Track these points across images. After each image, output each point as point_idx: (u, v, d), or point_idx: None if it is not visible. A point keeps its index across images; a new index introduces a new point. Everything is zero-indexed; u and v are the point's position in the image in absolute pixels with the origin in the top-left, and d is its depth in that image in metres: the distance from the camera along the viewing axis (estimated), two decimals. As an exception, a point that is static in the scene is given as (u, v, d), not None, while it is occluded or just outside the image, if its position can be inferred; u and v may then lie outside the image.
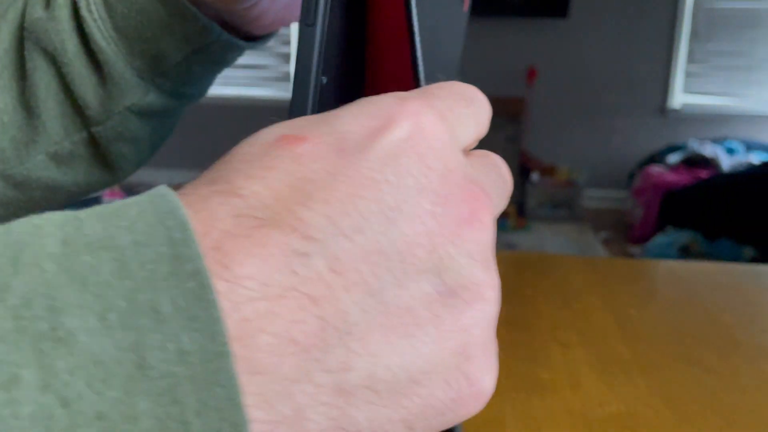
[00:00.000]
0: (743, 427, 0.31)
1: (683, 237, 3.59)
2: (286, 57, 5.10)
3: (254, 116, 5.00)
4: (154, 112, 0.35)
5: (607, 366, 0.38)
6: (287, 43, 5.06)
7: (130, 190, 2.36)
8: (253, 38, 0.36)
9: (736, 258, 3.55)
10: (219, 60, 0.35)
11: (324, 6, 0.22)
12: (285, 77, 5.08)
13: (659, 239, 3.60)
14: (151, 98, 0.34)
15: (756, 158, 4.11)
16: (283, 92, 5.07)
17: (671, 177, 3.93)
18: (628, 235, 3.79)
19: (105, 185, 0.40)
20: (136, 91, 0.34)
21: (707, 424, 0.32)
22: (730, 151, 4.25)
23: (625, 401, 0.34)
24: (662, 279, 0.56)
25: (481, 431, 0.31)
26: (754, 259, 3.48)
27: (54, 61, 0.33)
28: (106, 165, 0.37)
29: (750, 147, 4.32)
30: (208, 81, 0.37)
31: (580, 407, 0.33)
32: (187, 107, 0.40)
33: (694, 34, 4.60)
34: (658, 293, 0.52)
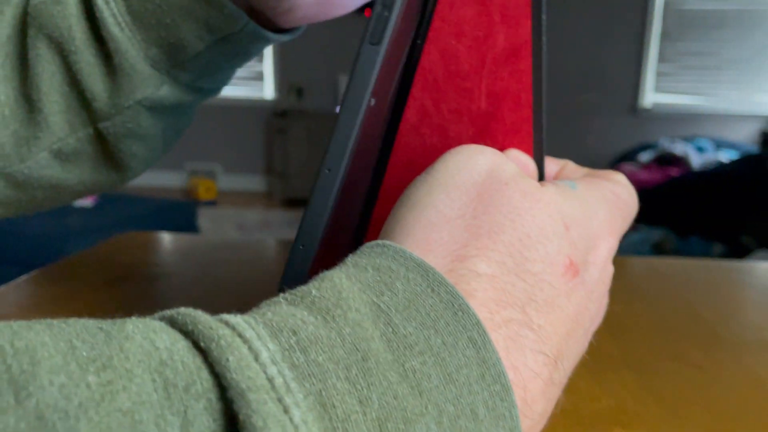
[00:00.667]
0: (730, 420, 0.32)
1: (656, 234, 3.66)
2: (259, 56, 5.03)
3: (229, 115, 4.96)
4: (167, 107, 0.32)
5: (596, 362, 0.38)
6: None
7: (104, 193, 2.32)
8: (280, 30, 0.32)
9: (706, 254, 3.62)
10: (243, 52, 0.32)
11: (393, 28, 0.21)
12: (258, 77, 5.03)
13: (632, 237, 3.66)
14: (165, 91, 0.31)
15: (725, 156, 4.20)
16: (257, 92, 5.02)
17: (643, 175, 3.99)
18: (602, 232, 3.82)
19: (113, 185, 0.36)
20: (149, 84, 0.30)
21: (695, 418, 0.32)
22: (700, 150, 4.34)
23: (615, 397, 0.34)
24: (644, 276, 0.57)
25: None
26: (723, 256, 3.56)
27: (60, 50, 0.29)
28: (114, 163, 0.34)
29: (719, 145, 4.42)
30: (228, 74, 0.34)
31: (572, 403, 0.33)
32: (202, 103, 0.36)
33: (665, 35, 4.67)
34: (641, 290, 0.52)
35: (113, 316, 0.15)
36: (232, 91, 4.99)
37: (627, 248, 3.49)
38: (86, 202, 2.04)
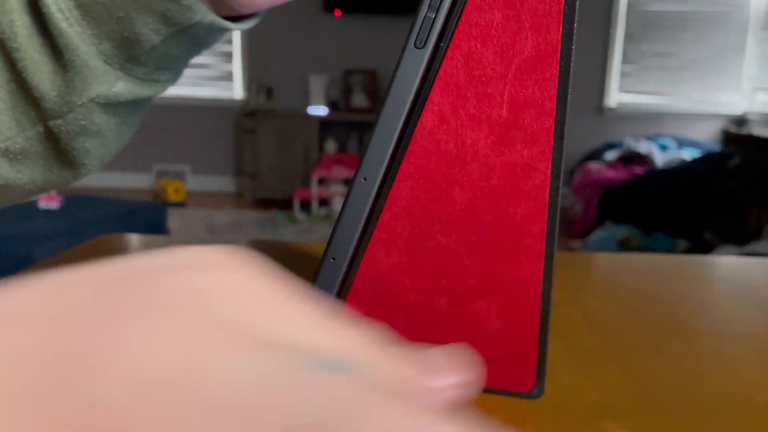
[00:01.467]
0: (712, 409, 0.33)
1: (621, 231, 3.73)
2: (228, 56, 5.00)
3: (197, 116, 4.87)
4: (122, 103, 0.30)
5: (580, 357, 0.39)
6: (229, 41, 4.96)
7: (68, 194, 2.28)
8: (238, 18, 0.31)
9: (670, 250, 3.70)
10: (201, 42, 0.30)
11: (439, 30, 0.20)
12: (227, 76, 4.98)
13: (599, 234, 3.72)
14: (121, 87, 0.29)
15: (687, 155, 4.31)
16: (225, 91, 4.97)
17: (609, 173, 4.07)
18: (569, 230, 3.89)
19: (66, 183, 0.34)
20: (102, 80, 0.29)
21: (679, 408, 0.33)
22: (663, 148, 4.44)
23: (600, 390, 0.35)
24: (619, 272, 0.58)
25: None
26: (688, 251, 3.64)
27: (1, 46, 0.28)
28: (67, 161, 0.32)
29: (681, 144, 4.53)
30: (184, 65, 0.33)
31: (560, 397, 0.34)
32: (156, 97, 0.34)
33: (628, 36, 4.76)
34: (617, 285, 0.54)
35: None
36: (201, 91, 4.92)
37: (593, 245, 3.55)
38: (52, 204, 2.00)
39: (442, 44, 0.24)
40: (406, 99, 0.20)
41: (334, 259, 0.22)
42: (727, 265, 0.63)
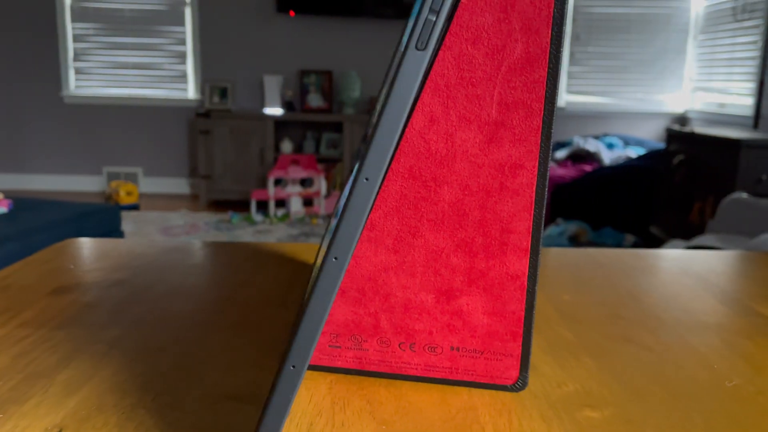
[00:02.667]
0: (685, 397, 0.35)
1: (572, 227, 3.82)
2: (181, 56, 4.91)
3: (149, 117, 4.79)
4: None
5: (556, 349, 0.40)
6: (183, 42, 4.88)
7: (18, 198, 2.20)
8: None
9: (618, 244, 3.82)
10: None
11: (440, 31, 0.20)
12: (180, 77, 4.89)
13: (551, 230, 3.81)
14: None
15: (633, 152, 4.45)
16: (179, 92, 4.88)
17: (560, 171, 4.16)
18: (524, 227, 3.95)
19: None
20: None
21: (654, 395, 0.35)
22: (610, 146, 4.57)
23: (579, 380, 0.36)
24: (585, 265, 0.60)
25: (456, 418, 0.32)
26: (635, 245, 3.75)
27: None
28: None
29: (627, 142, 4.67)
30: None
31: (541, 389, 0.35)
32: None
33: (575, 38, 4.88)
34: (584, 279, 0.55)
35: (69, 328, 0.15)
36: (153, 91, 4.82)
37: (546, 241, 3.63)
38: (0, 207, 1.92)
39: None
40: (407, 100, 0.21)
41: (336, 258, 0.22)
42: (684, 257, 0.66)
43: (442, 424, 0.32)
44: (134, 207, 4.40)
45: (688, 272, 0.59)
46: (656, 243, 3.67)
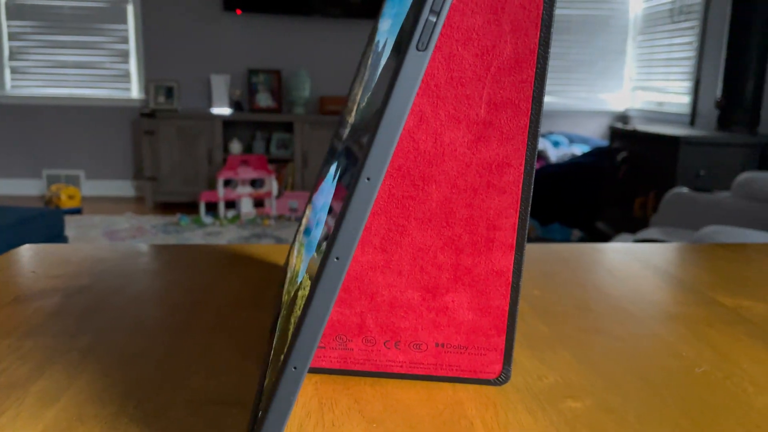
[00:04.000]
0: (658, 384, 0.36)
1: (522, 224, 3.89)
2: (123, 55, 4.78)
3: (91, 117, 4.63)
4: None
5: (533, 343, 0.41)
6: (125, 40, 4.74)
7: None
8: None
9: (566, 240, 3.92)
10: None
11: (438, 32, 0.21)
12: (123, 76, 4.76)
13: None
14: None
15: (578, 150, 4.57)
16: (121, 92, 4.74)
17: (509, 169, 4.23)
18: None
19: None
20: None
21: (630, 385, 0.36)
22: (556, 144, 4.68)
23: (558, 372, 0.37)
24: (551, 260, 0.61)
25: (444, 413, 0.32)
26: (581, 240, 3.86)
27: None
28: None
29: (572, 140, 4.80)
30: None
31: (523, 382, 0.36)
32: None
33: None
34: (552, 273, 0.57)
35: (37, 336, 0.14)
36: (95, 91, 4.66)
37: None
38: (-66, 215, 1.82)
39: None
40: (408, 99, 0.21)
41: (337, 258, 0.22)
42: (642, 250, 0.68)
43: (430, 419, 0.32)
44: (77, 211, 4.25)
45: (648, 265, 0.61)
46: (603, 238, 3.78)
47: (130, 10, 4.60)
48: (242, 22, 4.74)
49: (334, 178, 0.38)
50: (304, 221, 0.50)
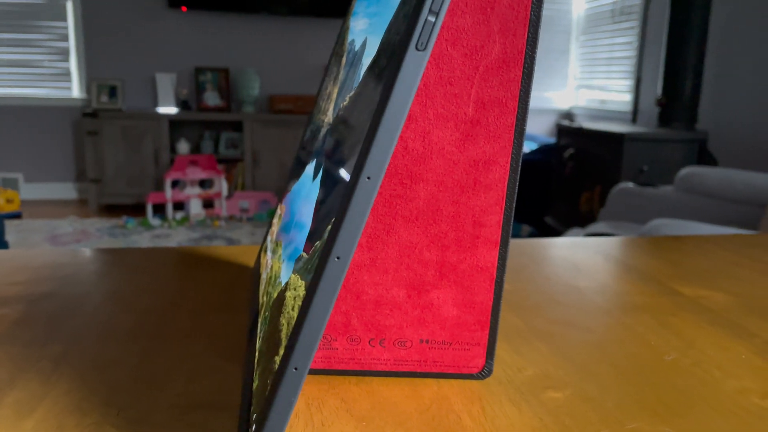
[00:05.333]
0: (630, 373, 0.37)
1: (474, 221, 3.95)
2: (63, 52, 4.62)
3: (30, 118, 4.46)
4: None
5: (510, 337, 0.42)
6: (65, 38, 4.58)
7: None
8: None
9: (516, 235, 3.99)
10: None
11: (437, 32, 0.21)
12: (63, 74, 4.60)
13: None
14: None
15: (526, 147, 4.66)
16: (62, 91, 4.58)
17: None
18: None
19: None
20: None
21: (605, 374, 0.37)
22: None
23: (536, 364, 0.38)
24: (512, 256, 0.62)
25: (431, 409, 0.33)
26: (531, 235, 3.94)
27: None
28: None
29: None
30: None
31: (504, 375, 0.37)
32: None
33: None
34: (519, 268, 0.58)
35: (3, 346, 0.13)
36: (33, 90, 4.48)
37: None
38: None
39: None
40: (408, 99, 0.21)
41: (338, 258, 0.22)
42: (601, 244, 0.70)
43: (419, 415, 0.32)
44: (16, 215, 4.09)
45: (609, 258, 0.63)
46: (552, 232, 3.87)
47: (69, 6, 4.45)
48: (188, 20, 4.64)
49: (314, 177, 0.38)
50: (276, 222, 0.50)
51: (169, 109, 4.58)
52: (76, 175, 4.68)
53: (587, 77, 4.91)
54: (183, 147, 4.54)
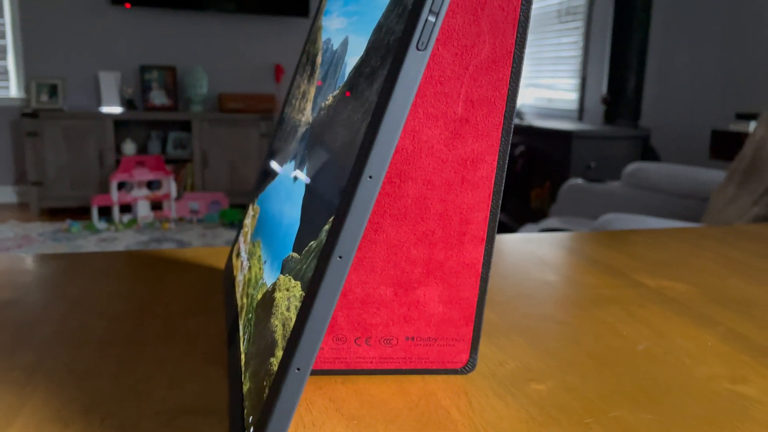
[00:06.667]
0: (606, 362, 0.39)
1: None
2: (1, 51, 4.43)
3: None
4: None
5: (488, 331, 0.43)
6: (2, 35, 4.39)
7: None
8: None
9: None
10: None
11: (437, 32, 0.21)
12: (1, 72, 4.41)
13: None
14: None
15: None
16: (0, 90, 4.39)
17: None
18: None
19: None
20: None
21: (583, 365, 0.38)
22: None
23: (516, 358, 0.39)
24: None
25: (420, 405, 0.33)
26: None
27: None
28: None
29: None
30: None
31: (487, 369, 0.37)
32: None
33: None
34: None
35: None
36: (-35, 88, 4.28)
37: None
38: None
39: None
40: (409, 98, 0.21)
41: (341, 257, 0.22)
42: (563, 239, 0.72)
43: (408, 412, 0.32)
44: (-49, 220, 3.90)
45: (574, 252, 0.64)
46: (505, 229, 3.94)
47: (6, 2, 4.26)
48: (132, 17, 4.52)
49: (296, 177, 0.37)
50: (250, 223, 0.49)
51: (114, 109, 4.45)
52: (16, 178, 4.49)
53: (535, 76, 5.01)
54: (129, 147, 4.42)
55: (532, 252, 0.64)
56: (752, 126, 2.44)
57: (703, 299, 0.51)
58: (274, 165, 0.47)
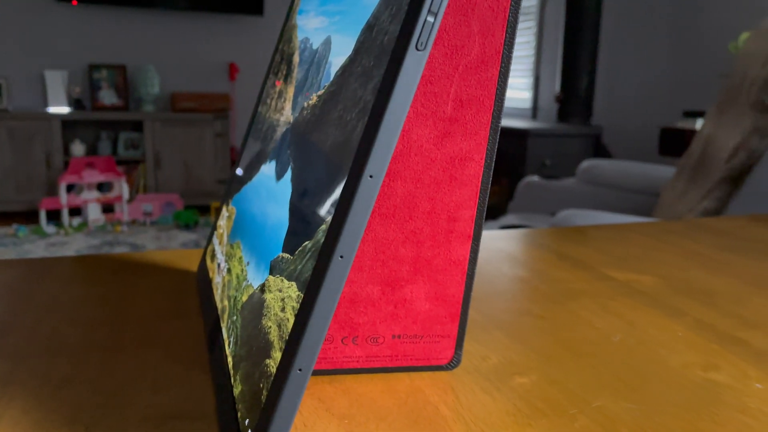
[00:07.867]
0: (584, 354, 0.40)
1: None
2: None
3: None
4: None
5: (468, 327, 0.43)
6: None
7: None
8: None
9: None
10: None
11: (436, 32, 0.21)
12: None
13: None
14: None
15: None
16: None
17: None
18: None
19: None
20: None
21: (563, 357, 0.39)
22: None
23: (498, 352, 0.40)
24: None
25: (409, 402, 0.33)
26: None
27: None
28: None
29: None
30: None
31: (471, 364, 0.38)
32: None
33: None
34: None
35: None
36: None
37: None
38: None
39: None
40: (408, 98, 0.22)
41: (342, 257, 0.22)
42: (532, 235, 0.74)
43: (398, 409, 0.33)
44: None
45: (542, 247, 0.66)
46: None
47: (-58, -3, 4.08)
48: (79, 14, 4.38)
49: (279, 177, 0.37)
50: (225, 224, 0.48)
51: (61, 109, 4.31)
52: (-43, 181, 4.30)
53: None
54: (78, 149, 4.29)
55: (500, 249, 0.65)
56: (699, 123, 2.53)
57: (669, 291, 0.53)
58: (249, 165, 0.47)
